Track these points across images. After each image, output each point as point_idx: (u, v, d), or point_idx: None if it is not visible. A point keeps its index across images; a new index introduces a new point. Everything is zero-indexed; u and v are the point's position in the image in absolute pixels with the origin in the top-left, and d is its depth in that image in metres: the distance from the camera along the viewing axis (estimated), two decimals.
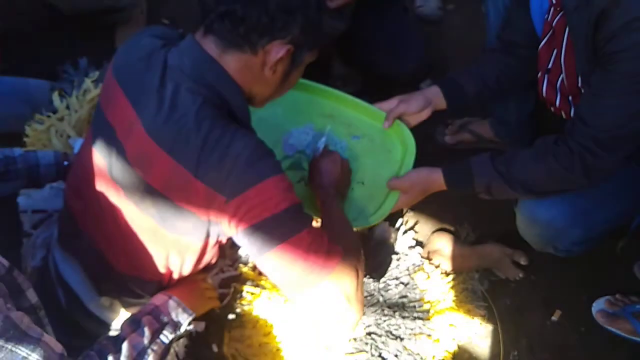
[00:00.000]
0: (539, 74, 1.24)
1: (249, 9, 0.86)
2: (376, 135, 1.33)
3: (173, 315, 1.02)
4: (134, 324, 0.97)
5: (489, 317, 1.44)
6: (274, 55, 0.90)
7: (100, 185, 0.99)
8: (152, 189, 0.91)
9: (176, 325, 1.02)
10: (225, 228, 0.90)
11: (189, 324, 1.06)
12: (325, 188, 1.14)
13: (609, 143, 1.03)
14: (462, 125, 1.79)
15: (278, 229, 0.86)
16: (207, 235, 0.95)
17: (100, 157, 0.98)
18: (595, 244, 1.28)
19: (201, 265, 1.06)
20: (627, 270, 1.49)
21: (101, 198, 0.99)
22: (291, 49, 0.92)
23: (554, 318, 1.46)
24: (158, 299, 1.04)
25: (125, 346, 0.91)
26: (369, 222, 1.22)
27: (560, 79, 1.18)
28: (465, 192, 1.22)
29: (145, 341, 0.94)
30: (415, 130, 1.34)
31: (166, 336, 0.99)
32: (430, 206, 1.65)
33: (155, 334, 0.97)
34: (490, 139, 1.72)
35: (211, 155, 0.85)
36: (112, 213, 0.99)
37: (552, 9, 1.15)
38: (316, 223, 0.98)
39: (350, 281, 0.91)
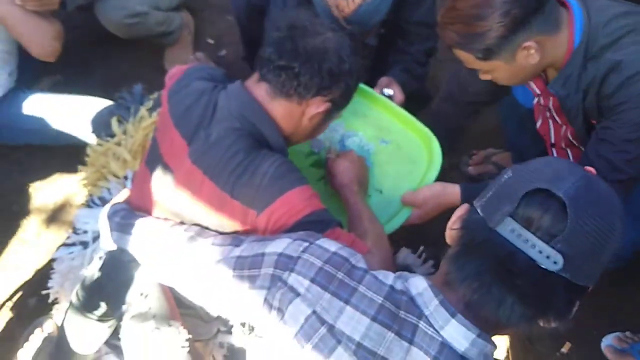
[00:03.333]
0: (546, 146, 1.37)
1: (305, 68, 1.01)
2: (405, 143, 1.34)
3: None
4: None
5: (499, 346, 1.53)
6: (314, 109, 1.07)
7: (153, 208, 1.13)
8: (196, 211, 1.05)
9: None
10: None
11: None
12: (348, 186, 1.21)
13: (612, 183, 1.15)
14: (486, 157, 1.88)
15: None
16: None
17: (153, 183, 1.12)
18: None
19: None
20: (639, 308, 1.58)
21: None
22: (329, 107, 1.08)
23: (563, 350, 1.53)
24: None
25: None
26: None
27: (565, 144, 1.31)
28: None
29: None
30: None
31: None
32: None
33: None
34: None
35: (243, 175, 0.99)
36: None
37: (540, 97, 1.29)
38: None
39: None
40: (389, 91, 1.49)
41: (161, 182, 1.10)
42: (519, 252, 0.64)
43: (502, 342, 1.55)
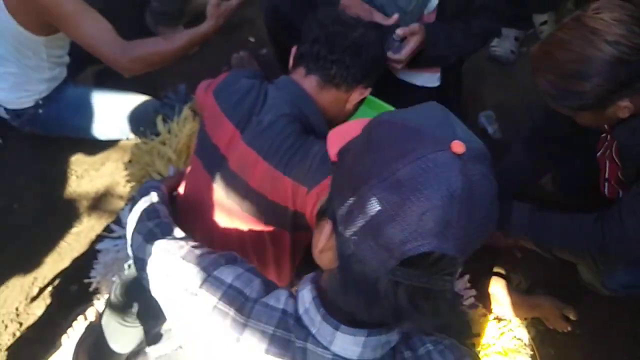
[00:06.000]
0: (600, 178, 1.36)
1: (354, 60, 1.13)
2: None
3: None
4: None
5: None
6: (358, 95, 1.19)
7: (208, 196, 1.19)
8: (251, 189, 1.12)
9: None
10: (308, 217, 1.09)
11: None
12: None
13: (633, 244, 1.11)
14: None
15: None
16: (294, 227, 1.14)
17: (208, 173, 1.19)
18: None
19: (292, 270, 1.24)
20: None
21: (209, 207, 1.20)
22: (370, 92, 1.19)
23: None
24: None
25: None
26: None
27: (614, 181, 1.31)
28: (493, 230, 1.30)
29: None
30: None
31: None
32: (482, 250, 1.75)
33: None
34: (549, 191, 1.80)
35: (296, 156, 1.07)
36: (219, 218, 1.19)
37: (608, 134, 1.26)
38: None
39: None
40: (398, 36, 1.35)
41: (215, 168, 1.17)
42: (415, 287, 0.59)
43: None
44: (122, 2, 2.34)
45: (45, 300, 1.68)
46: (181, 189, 1.31)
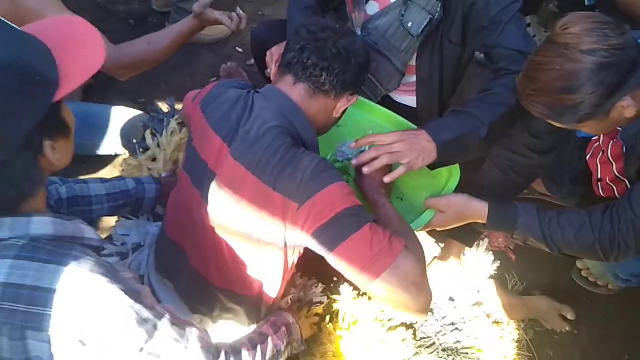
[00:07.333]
0: (593, 180, 1.36)
1: (344, 66, 1.13)
2: None
3: (297, 337, 1.24)
4: (274, 327, 1.17)
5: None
6: (346, 102, 1.18)
7: (199, 212, 1.17)
8: (242, 206, 1.09)
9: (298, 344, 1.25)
10: (299, 234, 1.05)
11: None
12: (377, 189, 1.25)
13: None
14: None
15: (343, 225, 1.01)
16: (285, 245, 1.10)
17: (197, 189, 1.17)
18: None
19: (285, 282, 1.22)
20: None
21: (200, 223, 1.17)
22: (357, 98, 1.21)
23: None
24: (290, 318, 1.25)
25: (270, 341, 1.12)
26: None
27: (610, 179, 1.31)
28: (499, 231, 1.27)
29: (283, 344, 1.15)
30: (472, 174, 1.43)
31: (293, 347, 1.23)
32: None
33: (288, 343, 1.18)
34: (542, 192, 1.81)
35: (286, 170, 1.04)
36: (210, 234, 1.16)
37: (601, 136, 1.29)
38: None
39: (415, 267, 1.01)
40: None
41: (205, 185, 1.15)
42: None
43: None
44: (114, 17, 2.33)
45: None
46: (171, 203, 1.29)
